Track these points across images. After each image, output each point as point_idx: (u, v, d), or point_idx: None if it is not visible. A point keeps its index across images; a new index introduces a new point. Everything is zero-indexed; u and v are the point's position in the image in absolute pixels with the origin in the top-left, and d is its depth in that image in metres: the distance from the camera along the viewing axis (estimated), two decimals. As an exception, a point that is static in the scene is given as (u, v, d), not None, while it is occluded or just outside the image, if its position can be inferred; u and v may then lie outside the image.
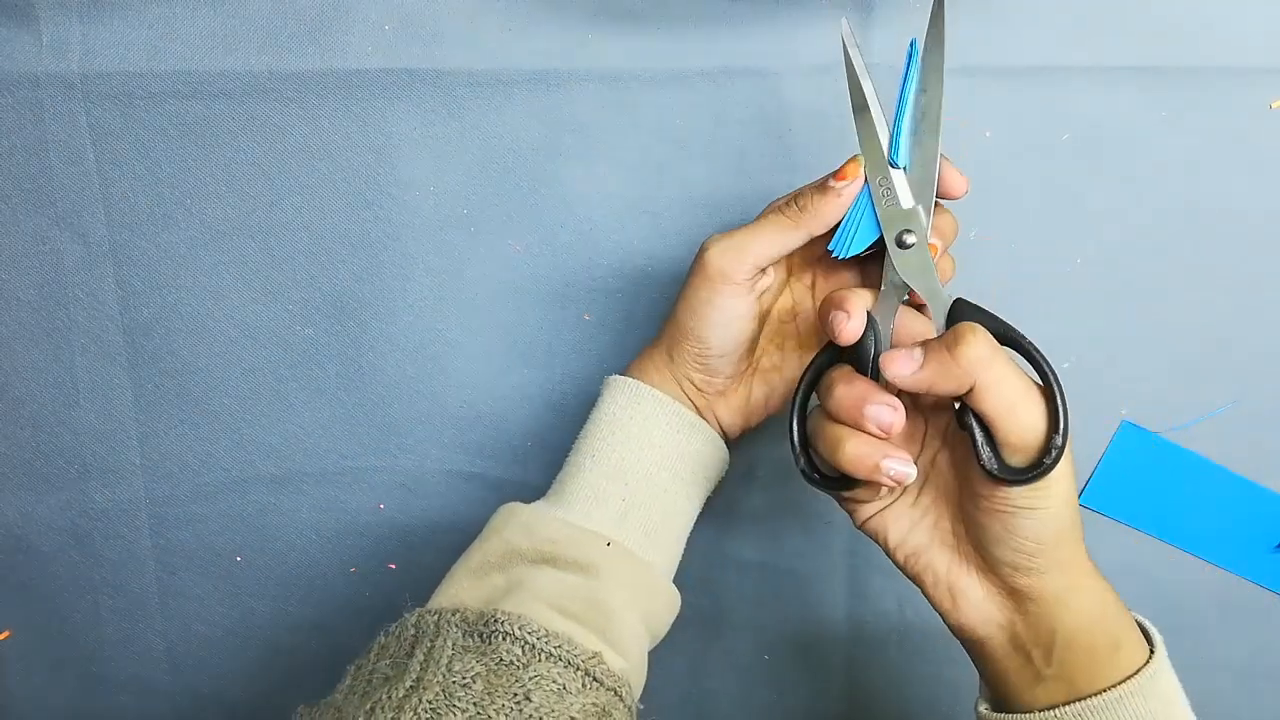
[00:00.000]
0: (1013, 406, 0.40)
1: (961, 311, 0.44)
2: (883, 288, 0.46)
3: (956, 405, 0.43)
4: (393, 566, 0.63)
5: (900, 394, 0.43)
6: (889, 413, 0.42)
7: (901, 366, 0.42)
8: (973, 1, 0.55)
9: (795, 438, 0.47)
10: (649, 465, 0.47)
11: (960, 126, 0.55)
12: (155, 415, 0.61)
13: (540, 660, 0.41)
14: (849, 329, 0.44)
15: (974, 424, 0.42)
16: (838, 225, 0.46)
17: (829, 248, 0.47)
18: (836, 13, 0.55)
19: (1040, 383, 0.42)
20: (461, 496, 0.62)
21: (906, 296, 0.46)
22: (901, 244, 0.45)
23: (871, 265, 0.48)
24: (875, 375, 0.45)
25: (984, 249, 0.58)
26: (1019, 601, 0.43)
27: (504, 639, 0.41)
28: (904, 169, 0.46)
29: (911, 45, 0.46)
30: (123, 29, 0.55)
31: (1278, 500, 0.60)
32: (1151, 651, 0.43)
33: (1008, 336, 0.42)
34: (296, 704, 0.66)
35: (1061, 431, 0.40)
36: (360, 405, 0.60)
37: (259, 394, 0.60)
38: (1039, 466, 0.41)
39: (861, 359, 0.45)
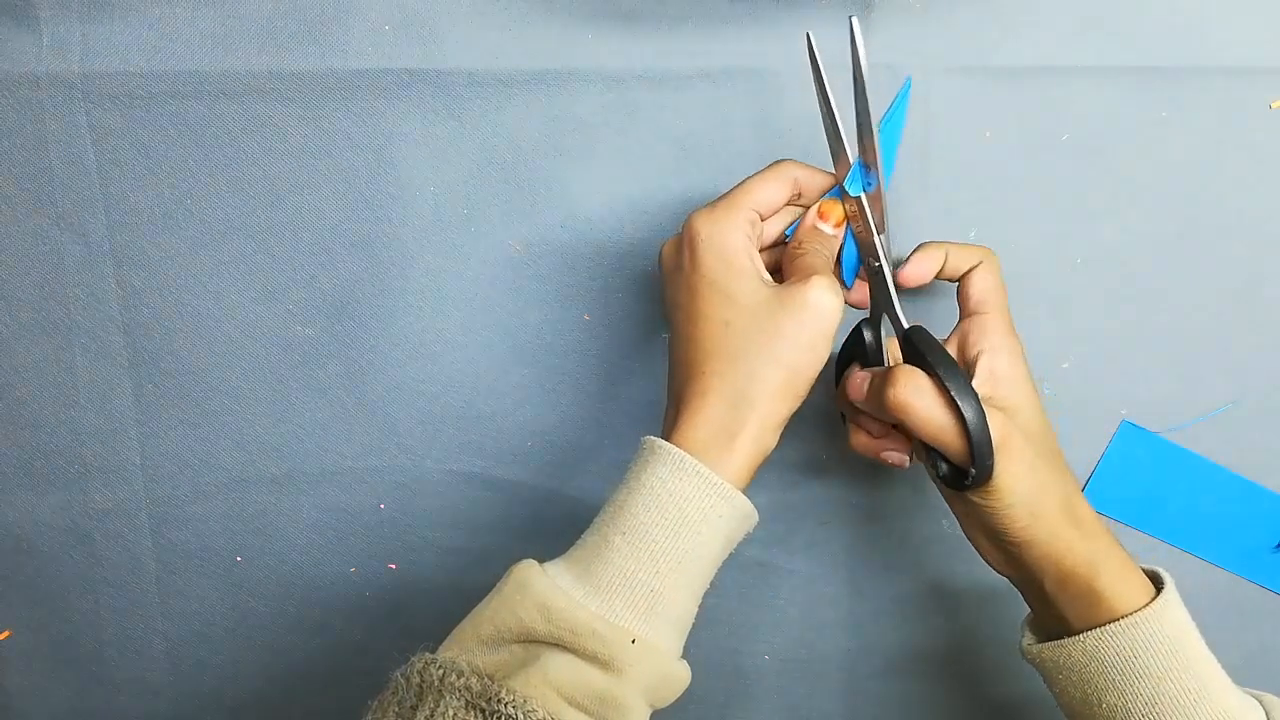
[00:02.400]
0: (935, 438, 0.46)
1: (911, 341, 0.47)
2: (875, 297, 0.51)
3: None
4: (393, 566, 0.63)
5: None
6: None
7: (854, 393, 0.50)
8: (973, 1, 0.55)
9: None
10: (683, 549, 0.45)
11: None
12: (155, 415, 0.60)
13: None
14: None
15: None
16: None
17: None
18: (837, 13, 0.55)
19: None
20: (461, 496, 0.62)
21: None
22: (869, 268, 0.49)
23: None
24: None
25: (984, 249, 0.58)
26: (1008, 554, 0.49)
27: None
28: (863, 195, 0.47)
29: (906, 83, 0.48)
30: (123, 29, 0.55)
31: (1278, 500, 0.60)
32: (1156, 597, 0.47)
33: (936, 373, 0.46)
34: (296, 704, 0.66)
35: (976, 465, 0.45)
36: (360, 405, 0.60)
37: (259, 394, 0.60)
38: (963, 486, 0.46)
39: (866, 359, 0.52)
